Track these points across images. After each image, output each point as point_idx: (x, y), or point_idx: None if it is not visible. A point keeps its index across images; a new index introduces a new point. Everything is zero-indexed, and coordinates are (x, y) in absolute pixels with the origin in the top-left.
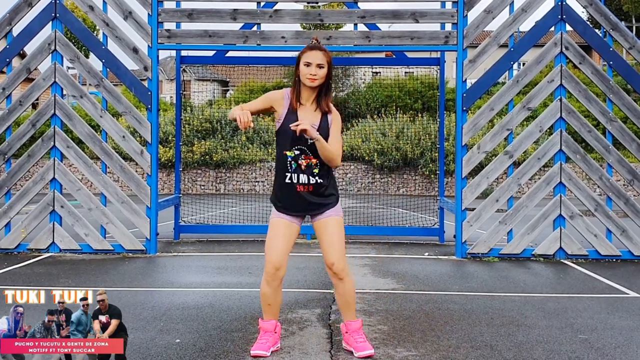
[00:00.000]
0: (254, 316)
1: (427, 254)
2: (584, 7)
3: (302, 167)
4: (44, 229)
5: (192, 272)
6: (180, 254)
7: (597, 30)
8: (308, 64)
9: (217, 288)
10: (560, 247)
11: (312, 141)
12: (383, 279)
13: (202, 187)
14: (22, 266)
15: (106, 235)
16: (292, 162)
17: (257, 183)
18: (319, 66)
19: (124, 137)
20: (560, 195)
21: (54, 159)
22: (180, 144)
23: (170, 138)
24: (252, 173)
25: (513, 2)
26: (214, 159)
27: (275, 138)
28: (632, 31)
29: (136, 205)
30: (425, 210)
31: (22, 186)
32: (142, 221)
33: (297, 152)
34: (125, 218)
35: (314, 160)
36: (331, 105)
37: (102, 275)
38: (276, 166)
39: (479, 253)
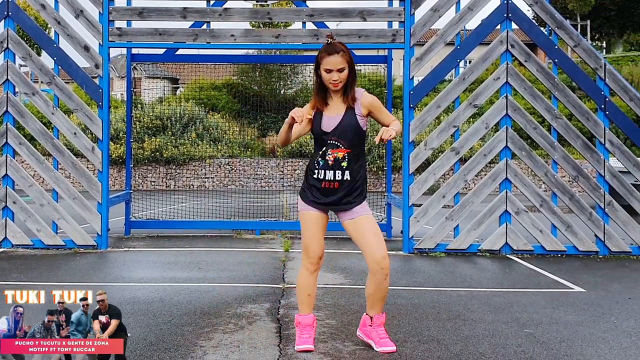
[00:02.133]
0: (203, 310)
1: None
2: (529, 6)
3: (330, 162)
4: None
5: (143, 267)
6: (131, 249)
7: (542, 29)
8: (329, 71)
9: (167, 283)
10: (506, 243)
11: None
12: (331, 274)
13: (153, 183)
14: None
15: (58, 231)
16: (320, 159)
17: (206, 179)
18: (340, 70)
19: (75, 134)
20: (506, 191)
21: (6, 155)
22: (131, 140)
23: (121, 135)
24: (201, 169)
25: (459, 0)
26: (164, 155)
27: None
28: (577, 29)
29: (87, 201)
30: (373, 206)
31: None
32: (93, 217)
33: (324, 148)
34: (76, 214)
35: (340, 154)
36: (358, 92)
37: (54, 270)
38: (309, 162)
39: (425, 248)
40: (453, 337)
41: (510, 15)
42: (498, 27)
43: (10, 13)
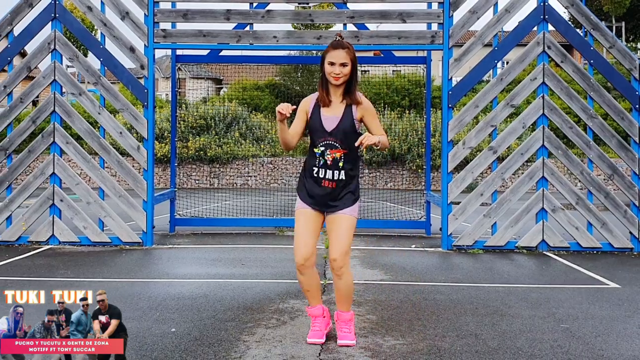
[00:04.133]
0: (246, 306)
1: (414, 246)
2: (565, 8)
3: (329, 162)
4: (44, 222)
5: (187, 263)
6: (175, 246)
7: (578, 30)
8: (332, 63)
9: (211, 279)
10: (543, 240)
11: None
12: (371, 270)
13: (197, 182)
14: (22, 258)
15: (104, 228)
16: (320, 158)
17: (249, 177)
18: (343, 65)
19: (121, 133)
20: (543, 189)
21: (54, 154)
22: (176, 139)
23: (165, 134)
24: (245, 168)
25: (497, 2)
26: (208, 154)
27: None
28: (612, 31)
29: (133, 199)
30: (413, 203)
31: (22, 181)
32: (138, 214)
33: (322, 148)
34: (122, 211)
35: (338, 154)
36: (360, 96)
37: (100, 266)
38: (306, 160)
39: (464, 245)
40: (491, 332)
41: (546, 17)
42: (535, 28)
43: (57, 15)
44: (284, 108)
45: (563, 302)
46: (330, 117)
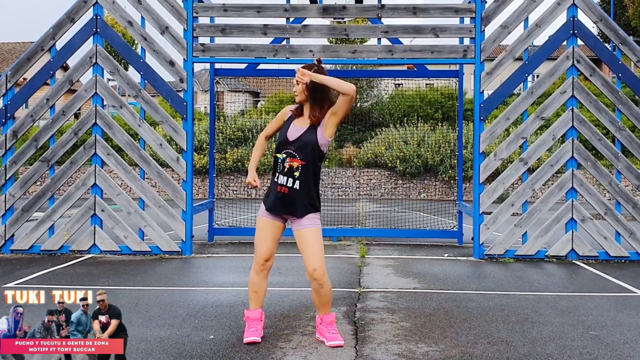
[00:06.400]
0: (283, 313)
1: (446, 255)
2: (594, 23)
3: (285, 169)
4: (86, 232)
5: (226, 272)
6: (214, 255)
7: (606, 45)
8: (297, 82)
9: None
10: (572, 249)
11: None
12: (405, 279)
13: (235, 192)
14: (64, 266)
15: (144, 238)
16: (280, 164)
17: None
18: (296, 82)
19: (161, 145)
20: (572, 200)
21: (95, 165)
22: (214, 151)
23: (204, 146)
24: None
25: (528, 18)
26: (246, 165)
27: None
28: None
29: (172, 209)
30: (445, 213)
31: (65, 191)
32: (178, 224)
33: (284, 155)
34: (162, 221)
35: (295, 163)
36: (325, 116)
37: (140, 275)
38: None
39: (495, 254)
40: (521, 338)
41: (576, 31)
42: (564, 43)
43: (98, 30)
44: (252, 184)
45: (592, 310)
46: (296, 129)
